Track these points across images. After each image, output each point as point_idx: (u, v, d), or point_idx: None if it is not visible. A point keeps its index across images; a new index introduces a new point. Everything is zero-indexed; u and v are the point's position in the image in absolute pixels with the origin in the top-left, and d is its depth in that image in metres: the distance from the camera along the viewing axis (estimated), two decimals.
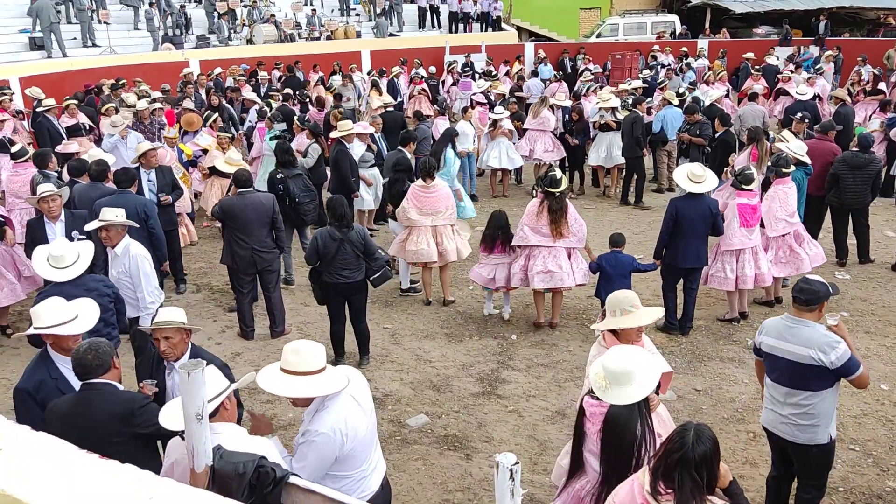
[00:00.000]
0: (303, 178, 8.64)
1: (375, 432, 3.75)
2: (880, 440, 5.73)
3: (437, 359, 7.20)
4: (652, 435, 3.49)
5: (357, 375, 3.71)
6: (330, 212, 6.71)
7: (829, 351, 4.17)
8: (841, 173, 8.87)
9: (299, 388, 3.40)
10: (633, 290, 5.44)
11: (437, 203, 8.13)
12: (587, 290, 8.38)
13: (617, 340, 4.23)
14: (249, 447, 2.97)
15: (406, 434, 5.92)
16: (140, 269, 5.96)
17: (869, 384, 4.39)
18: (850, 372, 4.20)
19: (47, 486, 1.88)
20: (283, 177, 8.48)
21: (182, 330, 4.23)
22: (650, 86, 16.23)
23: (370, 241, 6.75)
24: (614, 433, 3.49)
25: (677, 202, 7.31)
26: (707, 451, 2.88)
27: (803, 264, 7.79)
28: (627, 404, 3.44)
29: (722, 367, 6.93)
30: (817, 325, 4.29)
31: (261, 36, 22.77)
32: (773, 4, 29.13)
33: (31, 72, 16.90)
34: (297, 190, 8.43)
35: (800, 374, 4.29)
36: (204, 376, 2.54)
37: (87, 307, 4.39)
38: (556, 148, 12.74)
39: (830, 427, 4.39)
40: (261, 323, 7.75)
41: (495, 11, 27.27)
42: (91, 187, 7.73)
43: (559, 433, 5.87)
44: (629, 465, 3.43)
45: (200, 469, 2.65)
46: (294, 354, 3.45)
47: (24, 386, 4.07)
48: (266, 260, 7.34)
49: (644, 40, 25.33)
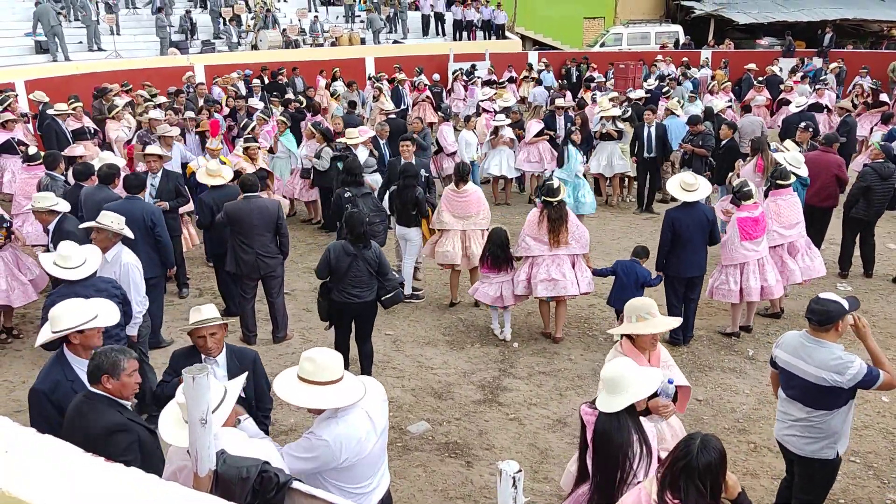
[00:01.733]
0: (372, 198, 8.18)
1: (384, 451, 3.71)
2: (881, 452, 5.72)
3: (438, 366, 7.20)
4: (646, 445, 3.49)
5: (376, 388, 3.68)
6: (348, 227, 6.43)
7: (843, 372, 4.10)
8: (874, 185, 8.79)
9: (314, 398, 3.39)
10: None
11: (468, 207, 8.32)
12: (589, 299, 8.39)
13: (633, 347, 4.26)
14: (251, 451, 2.97)
15: (407, 441, 5.92)
16: (130, 278, 5.92)
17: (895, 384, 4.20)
18: (869, 385, 4.13)
19: (51, 487, 1.89)
20: (351, 196, 7.99)
21: (223, 325, 4.33)
22: (653, 95, 16.27)
23: (385, 260, 6.44)
24: (602, 442, 3.52)
25: (673, 213, 7.34)
26: (711, 461, 2.88)
27: (793, 276, 7.74)
28: (615, 412, 3.46)
29: (723, 377, 6.92)
30: (833, 346, 4.18)
31: (266, 42, 22.87)
32: (776, 16, 29.26)
33: (36, 75, 16.97)
34: (367, 210, 7.83)
35: (814, 394, 4.24)
36: (209, 381, 2.55)
37: (103, 305, 4.48)
38: (542, 160, 12.74)
39: (839, 444, 4.34)
40: (263, 328, 7.76)
41: (498, 20, 27.37)
42: (97, 189, 7.73)
43: (560, 441, 5.87)
44: (615, 473, 3.43)
45: (204, 474, 2.66)
46: (311, 363, 3.44)
47: (40, 387, 4.08)
48: (270, 265, 7.33)
49: (647, 50, 25.40)
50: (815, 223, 9.08)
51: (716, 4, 30.61)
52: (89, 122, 13.04)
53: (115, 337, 5.17)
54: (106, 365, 3.62)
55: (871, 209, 8.91)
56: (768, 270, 7.49)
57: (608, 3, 32.52)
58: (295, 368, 3.54)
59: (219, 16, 23.19)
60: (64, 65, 18.53)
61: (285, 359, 7.20)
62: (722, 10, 29.97)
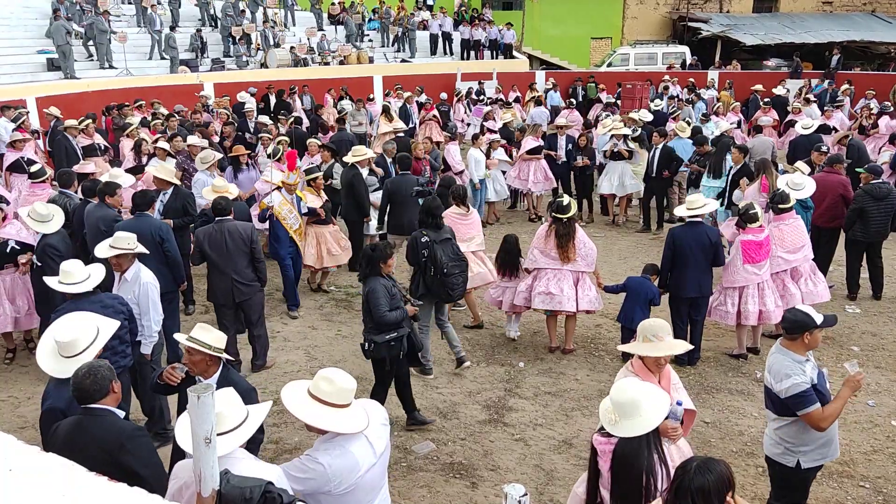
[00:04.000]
0: (452, 244, 7.14)
1: (384, 474, 3.69)
2: (890, 477, 5.65)
3: (443, 385, 7.17)
4: (665, 467, 3.47)
5: (378, 412, 3.68)
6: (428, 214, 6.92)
7: (782, 380, 4.26)
8: (866, 206, 8.81)
9: (323, 419, 3.38)
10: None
11: (471, 229, 8.32)
12: (595, 318, 8.37)
13: (644, 367, 4.26)
14: (259, 473, 2.96)
15: (412, 461, 5.88)
16: (149, 298, 5.94)
17: (828, 426, 4.25)
18: (798, 407, 4.24)
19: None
20: (429, 240, 6.97)
21: (208, 355, 4.24)
22: (660, 116, 16.30)
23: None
24: (623, 466, 3.48)
25: (675, 231, 7.37)
26: (706, 484, 2.85)
27: (793, 300, 7.65)
28: (636, 436, 3.43)
29: (731, 399, 6.87)
30: (791, 355, 4.32)
31: (274, 60, 23.05)
32: (783, 37, 29.36)
33: (48, 92, 17.13)
34: (447, 258, 6.94)
35: (773, 399, 4.42)
36: (213, 400, 2.54)
37: (104, 323, 4.49)
38: (547, 180, 12.88)
39: (802, 455, 4.40)
40: (247, 356, 7.59)
41: (506, 39, 27.53)
42: (97, 207, 7.67)
43: (566, 463, 5.82)
44: (639, 497, 3.40)
45: (207, 493, 2.64)
46: (328, 383, 3.43)
47: (56, 405, 4.06)
48: (245, 293, 7.09)
49: (654, 70, 25.49)
50: (823, 244, 9.07)
51: (723, 26, 30.74)
52: (100, 138, 13.14)
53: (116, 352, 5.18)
54: (93, 386, 3.64)
55: (869, 230, 8.90)
56: (767, 295, 7.44)
57: (615, 24, 32.71)
58: (303, 382, 3.53)
59: (229, 34, 23.40)
60: (75, 82, 18.71)
61: (290, 377, 7.17)
62: (729, 32, 30.08)
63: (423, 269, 6.89)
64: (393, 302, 5.89)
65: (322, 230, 9.41)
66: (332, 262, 9.50)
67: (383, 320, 5.81)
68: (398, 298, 5.99)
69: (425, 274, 6.88)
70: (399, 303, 5.96)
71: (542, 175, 12.81)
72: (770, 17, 32.33)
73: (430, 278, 6.85)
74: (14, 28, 21.01)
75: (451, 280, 6.90)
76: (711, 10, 32.52)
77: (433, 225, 7.10)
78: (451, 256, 7.00)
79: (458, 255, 7.12)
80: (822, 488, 5.46)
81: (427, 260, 6.87)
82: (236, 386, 4.27)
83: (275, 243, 8.76)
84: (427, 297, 6.90)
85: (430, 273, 6.86)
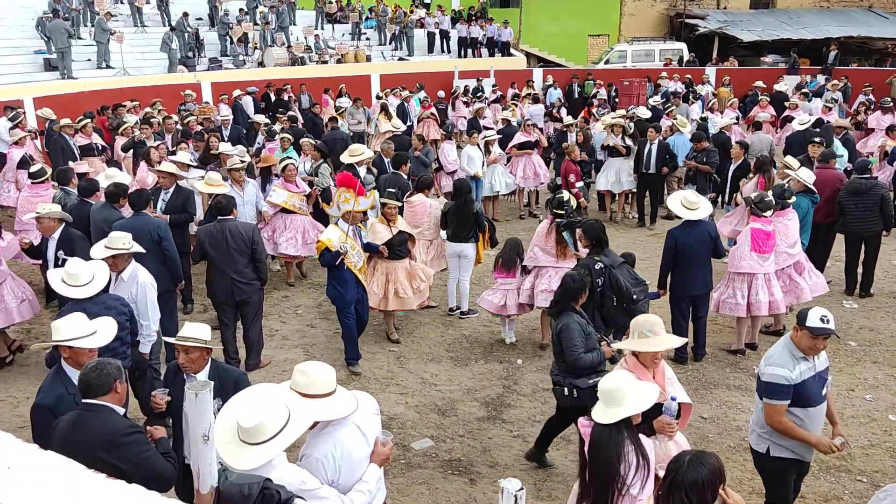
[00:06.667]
0: (628, 268, 6.58)
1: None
2: (888, 471, 5.67)
3: (442, 382, 7.19)
4: (644, 458, 3.46)
5: (367, 400, 3.69)
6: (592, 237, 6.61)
7: (769, 366, 4.35)
8: (844, 200, 8.90)
9: (310, 413, 3.38)
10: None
11: (416, 219, 8.66)
12: None
13: (638, 363, 4.27)
14: (294, 477, 2.99)
15: (410, 458, 5.90)
16: (147, 298, 5.95)
17: (777, 427, 4.31)
18: (766, 395, 4.34)
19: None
20: (603, 266, 6.40)
21: (201, 348, 4.29)
22: (656, 113, 16.30)
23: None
24: (593, 451, 3.50)
25: (675, 232, 7.30)
26: (699, 478, 2.87)
27: (804, 293, 7.74)
28: (610, 423, 3.45)
29: (728, 394, 6.89)
30: (791, 345, 4.37)
31: (272, 59, 23.02)
32: (780, 33, 29.36)
33: (45, 92, 17.10)
34: (629, 284, 6.36)
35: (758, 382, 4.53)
36: (210, 397, 2.55)
37: (106, 325, 4.48)
38: (536, 175, 12.88)
39: (771, 444, 4.45)
40: (270, 347, 7.74)
41: (503, 37, 27.52)
42: (103, 208, 7.72)
43: (564, 459, 5.84)
44: (608, 485, 3.41)
45: (206, 491, 2.65)
46: (304, 375, 3.46)
47: (44, 402, 4.08)
48: (245, 291, 7.10)
49: (652, 67, 25.50)
50: (821, 240, 9.08)
51: (720, 22, 30.74)
52: (98, 138, 13.13)
53: (117, 353, 5.18)
54: (97, 380, 3.67)
55: (850, 226, 8.97)
56: (774, 285, 7.49)
57: (613, 21, 32.68)
58: (287, 383, 3.54)
59: (226, 34, 23.37)
60: (72, 82, 18.69)
61: (288, 375, 7.16)
62: (726, 28, 30.08)
63: (599, 299, 6.32)
64: (588, 342, 5.25)
65: (393, 265, 7.88)
66: (397, 305, 7.93)
67: (578, 364, 5.17)
68: (593, 338, 5.34)
69: (603, 306, 6.34)
70: (594, 343, 5.32)
71: (532, 171, 12.81)
72: (767, 13, 32.35)
73: (612, 309, 6.30)
74: (11, 28, 20.99)
75: (638, 309, 6.15)
76: (708, 7, 32.53)
77: (601, 244, 6.55)
78: (630, 281, 6.45)
79: (638, 279, 6.61)
80: (819, 482, 5.49)
81: (603, 287, 6.32)
82: (227, 375, 4.39)
83: (339, 287, 7.19)
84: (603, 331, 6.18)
85: (611, 302, 6.31)
